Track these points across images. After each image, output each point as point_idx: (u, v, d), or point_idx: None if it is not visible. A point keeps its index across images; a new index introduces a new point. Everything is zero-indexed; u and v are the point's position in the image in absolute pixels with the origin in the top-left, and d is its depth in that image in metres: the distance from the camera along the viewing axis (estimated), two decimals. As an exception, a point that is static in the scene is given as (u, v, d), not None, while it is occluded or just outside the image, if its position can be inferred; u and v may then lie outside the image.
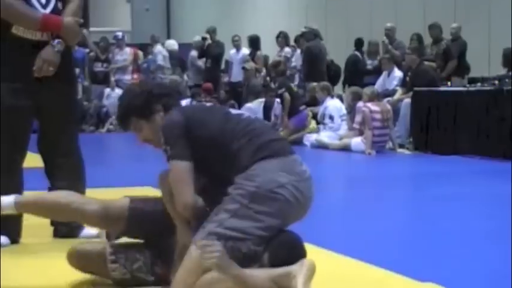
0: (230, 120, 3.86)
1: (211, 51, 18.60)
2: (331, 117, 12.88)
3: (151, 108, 3.91)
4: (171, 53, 19.09)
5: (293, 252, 3.66)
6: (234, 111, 4.15)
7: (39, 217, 5.19)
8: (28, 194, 3.97)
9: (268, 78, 16.52)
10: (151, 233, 3.95)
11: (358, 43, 15.73)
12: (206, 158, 3.72)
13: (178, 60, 19.34)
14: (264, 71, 17.43)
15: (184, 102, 16.42)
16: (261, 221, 3.61)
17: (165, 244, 3.92)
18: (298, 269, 3.51)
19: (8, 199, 3.91)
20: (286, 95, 13.62)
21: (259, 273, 3.62)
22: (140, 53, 19.25)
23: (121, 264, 3.92)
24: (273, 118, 14.51)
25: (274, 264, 3.61)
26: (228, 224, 3.58)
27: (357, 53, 15.69)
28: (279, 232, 3.69)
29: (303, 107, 13.88)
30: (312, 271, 3.52)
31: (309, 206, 3.77)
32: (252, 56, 17.78)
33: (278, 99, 14.80)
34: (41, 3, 5.01)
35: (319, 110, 13.30)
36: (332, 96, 13.31)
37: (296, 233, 3.76)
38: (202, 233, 3.56)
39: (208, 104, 8.46)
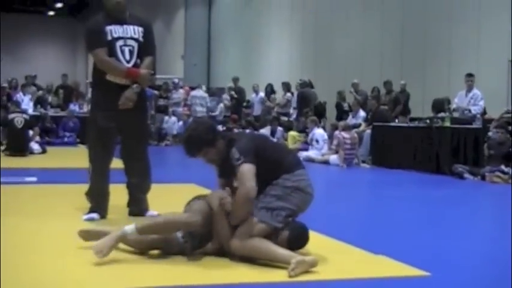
0: (275, 144, 4.30)
1: (235, 92, 18.66)
2: (317, 141, 12.85)
3: (216, 138, 3.86)
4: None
5: (303, 234, 3.89)
6: (272, 139, 4.34)
7: (122, 203, 5.29)
8: (143, 220, 3.77)
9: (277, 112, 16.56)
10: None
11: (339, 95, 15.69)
12: (260, 167, 3.75)
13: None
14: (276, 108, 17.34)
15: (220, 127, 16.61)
16: (294, 204, 3.83)
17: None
18: (300, 258, 3.54)
19: (131, 227, 3.70)
20: None
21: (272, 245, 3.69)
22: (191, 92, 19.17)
23: (189, 242, 3.82)
24: (275, 139, 14.52)
25: (290, 239, 3.78)
26: (274, 203, 3.77)
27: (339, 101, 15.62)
28: (295, 221, 3.90)
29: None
30: (309, 265, 3.54)
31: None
32: (268, 97, 17.78)
33: (279, 127, 14.88)
34: (126, 60, 5.04)
35: (309, 135, 13.25)
36: (318, 126, 13.28)
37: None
38: (256, 207, 3.75)
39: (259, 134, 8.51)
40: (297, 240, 3.83)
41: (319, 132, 12.96)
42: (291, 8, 20.49)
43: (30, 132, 12.36)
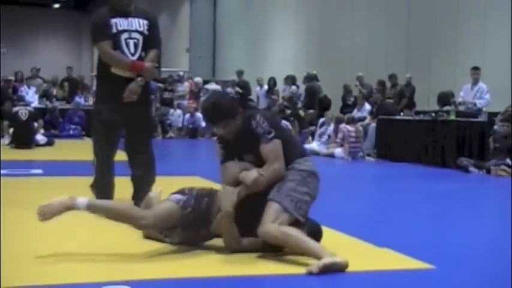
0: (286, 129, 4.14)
1: (239, 87, 18.58)
2: (329, 136, 12.82)
3: (237, 110, 3.85)
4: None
5: (319, 232, 3.88)
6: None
7: (126, 196, 5.31)
8: (99, 201, 3.78)
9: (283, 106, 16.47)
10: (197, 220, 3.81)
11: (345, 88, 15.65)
12: None
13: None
14: (280, 101, 17.25)
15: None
16: (310, 189, 3.81)
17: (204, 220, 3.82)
18: (331, 260, 3.44)
19: (83, 201, 3.62)
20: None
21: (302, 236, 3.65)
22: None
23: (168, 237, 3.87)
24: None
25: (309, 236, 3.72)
26: (297, 191, 3.73)
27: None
28: (309, 219, 3.87)
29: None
30: (340, 267, 3.45)
31: None
32: (271, 91, 17.72)
33: (284, 121, 14.79)
34: (130, 53, 5.04)
35: (321, 129, 13.15)
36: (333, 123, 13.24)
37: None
38: (278, 194, 3.71)
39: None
40: (314, 238, 3.76)
41: (331, 129, 12.92)
42: (295, 1, 20.45)
43: (35, 125, 12.38)
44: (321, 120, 13.45)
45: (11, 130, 12.23)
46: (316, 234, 3.83)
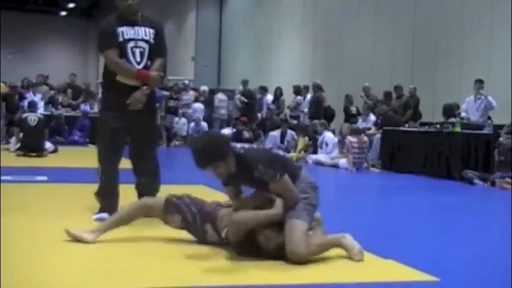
0: (283, 156, 4.54)
1: (245, 96, 18.58)
2: (327, 144, 12.85)
3: (227, 152, 3.86)
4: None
5: None
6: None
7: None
8: (101, 223, 4.20)
9: (288, 115, 16.50)
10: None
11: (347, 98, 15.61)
12: None
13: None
14: (285, 110, 17.26)
15: (227, 130, 16.57)
16: (313, 205, 4.04)
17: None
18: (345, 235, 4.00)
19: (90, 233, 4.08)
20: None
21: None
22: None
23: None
24: (285, 142, 14.55)
25: None
26: (306, 207, 3.95)
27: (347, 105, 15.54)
28: None
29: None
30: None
31: None
32: (277, 100, 17.72)
33: (290, 130, 14.81)
34: (136, 62, 5.06)
35: (319, 139, 13.24)
36: (328, 130, 13.28)
37: None
38: (295, 211, 3.88)
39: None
40: None
41: (329, 136, 12.97)
42: (302, 11, 20.49)
43: (46, 132, 12.22)
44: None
45: (21, 135, 12.07)
46: None
